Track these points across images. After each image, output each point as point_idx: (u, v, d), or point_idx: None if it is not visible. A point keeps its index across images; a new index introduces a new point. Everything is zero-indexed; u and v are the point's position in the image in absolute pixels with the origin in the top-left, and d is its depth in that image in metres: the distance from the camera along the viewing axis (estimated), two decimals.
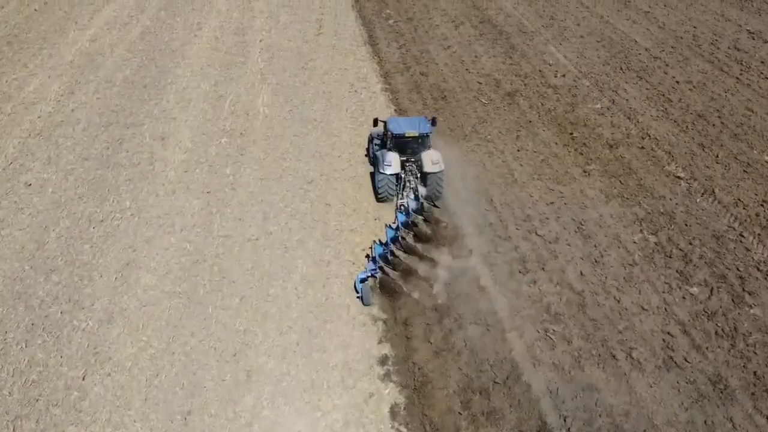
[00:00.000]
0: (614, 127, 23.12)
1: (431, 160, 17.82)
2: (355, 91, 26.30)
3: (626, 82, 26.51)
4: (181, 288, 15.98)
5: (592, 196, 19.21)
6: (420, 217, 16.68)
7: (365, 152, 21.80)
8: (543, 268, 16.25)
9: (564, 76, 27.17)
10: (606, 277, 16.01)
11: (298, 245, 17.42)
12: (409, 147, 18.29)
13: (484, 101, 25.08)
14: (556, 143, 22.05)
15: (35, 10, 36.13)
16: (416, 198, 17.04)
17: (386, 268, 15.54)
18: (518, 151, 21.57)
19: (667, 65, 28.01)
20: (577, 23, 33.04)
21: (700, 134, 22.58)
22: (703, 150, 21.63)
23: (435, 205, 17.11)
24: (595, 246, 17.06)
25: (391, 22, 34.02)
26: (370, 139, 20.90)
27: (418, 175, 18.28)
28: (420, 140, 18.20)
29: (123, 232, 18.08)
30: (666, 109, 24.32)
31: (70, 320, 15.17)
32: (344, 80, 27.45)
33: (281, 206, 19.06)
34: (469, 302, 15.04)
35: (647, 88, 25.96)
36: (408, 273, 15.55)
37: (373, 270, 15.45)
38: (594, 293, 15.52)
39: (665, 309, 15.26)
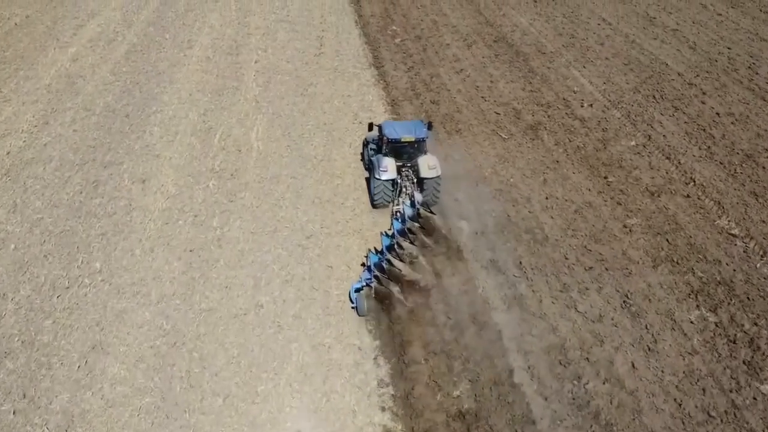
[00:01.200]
0: (653, 169, 20.47)
1: (428, 165, 17.34)
2: (360, 122, 23.64)
3: (661, 114, 23.84)
4: (154, 382, 13.33)
5: (637, 259, 16.55)
6: (416, 224, 15.81)
7: (360, 157, 21.16)
8: (587, 358, 13.60)
9: (591, 106, 24.51)
10: (663, 371, 13.36)
11: (293, 323, 14.77)
12: (405, 152, 17.79)
13: (504, 136, 22.45)
14: (590, 189, 19.39)
15: (15, 24, 33.54)
16: (412, 204, 16.47)
17: (381, 277, 14.58)
18: (547, 198, 18.93)
19: (704, 93, 25.35)
20: (600, 42, 30.39)
21: (751, 179, 19.92)
22: (757, 200, 18.97)
23: (431, 212, 16.16)
24: (647, 328, 14.40)
25: (397, 40, 31.40)
26: (365, 144, 20.22)
27: (415, 180, 17.79)
28: (416, 145, 17.69)
29: (91, 303, 15.46)
30: (709, 147, 21.66)
31: (24, 424, 12.57)
32: (347, 109, 24.82)
33: (275, 269, 16.42)
34: (501, 407, 12.40)
35: (685, 122, 23.29)
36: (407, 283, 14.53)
37: (368, 279, 14.90)
38: (650, 394, 12.87)
39: (734, 414, 12.62)
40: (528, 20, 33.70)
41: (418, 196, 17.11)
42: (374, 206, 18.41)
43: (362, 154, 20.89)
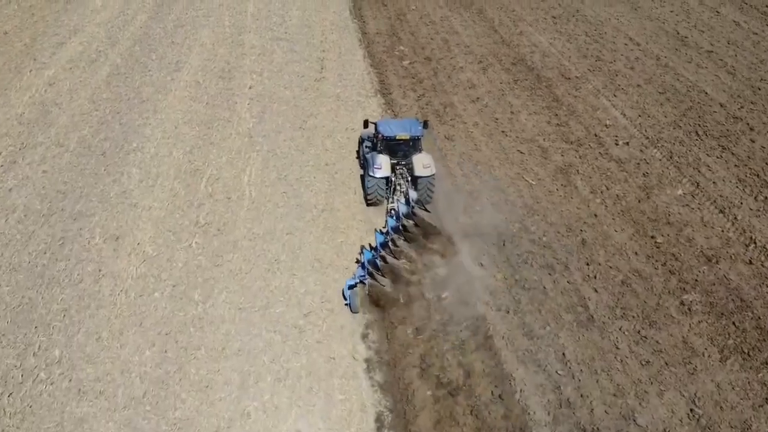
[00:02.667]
0: (707, 226, 17.70)
1: (422, 163, 17.36)
2: None
3: (707, 155, 21.07)
4: None
5: (701, 349, 13.78)
6: (411, 221, 15.81)
7: (356, 154, 21.13)
8: None
9: (628, 144, 21.75)
10: None
11: None
12: (399, 150, 17.84)
13: (531, 181, 19.70)
14: (637, 253, 16.63)
15: None
16: (407, 202, 16.51)
17: (376, 274, 14.65)
18: (588, 265, 16.17)
19: (751, 129, 22.58)
20: (630, 66, 27.63)
21: None
22: None
23: (426, 209, 16.28)
24: None
25: (406, 63, 28.65)
26: (361, 141, 20.28)
27: (409, 178, 17.79)
28: (411, 143, 17.77)
29: (47, 405, 12.74)
30: (766, 198, 18.89)
31: None
32: (351, 146, 22.06)
33: (265, 361, 13.65)
34: None
35: (735, 165, 20.52)
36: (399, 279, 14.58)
37: (362, 276, 14.91)
38: None
39: None
40: (548, 39, 30.94)
41: (413, 194, 16.85)
42: (368, 204, 18.54)
43: (358, 151, 20.84)
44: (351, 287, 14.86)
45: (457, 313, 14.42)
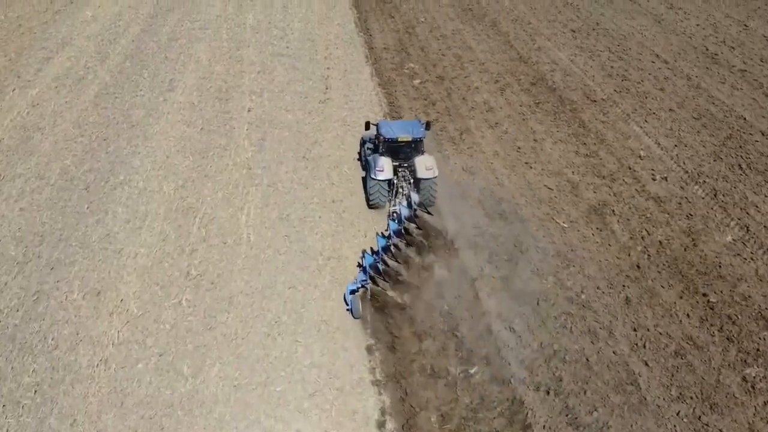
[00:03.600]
0: (763, 281, 15.65)
1: (425, 165, 17.13)
2: None
3: (754, 193, 19.05)
4: None
5: None
6: (413, 225, 15.42)
7: (357, 156, 20.93)
8: None
9: (666, 179, 19.71)
10: None
11: None
12: (401, 152, 17.55)
13: (562, 224, 17.68)
14: (689, 315, 14.60)
15: None
16: (409, 205, 16.15)
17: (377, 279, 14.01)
18: (635, 331, 14.13)
19: None
20: (659, 87, 25.61)
21: None
22: None
23: (428, 212, 15.98)
24: None
25: (416, 82, 26.65)
26: (362, 143, 20.07)
27: (411, 181, 17.59)
28: (413, 145, 17.49)
29: None
30: None
31: None
32: (360, 179, 20.05)
33: None
34: None
35: None
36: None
37: (363, 281, 14.44)
38: None
39: None
40: (568, 56, 28.94)
41: (415, 197, 16.63)
42: (370, 207, 18.33)
43: (359, 153, 20.59)
44: (352, 292, 14.54)
45: (489, 393, 12.41)
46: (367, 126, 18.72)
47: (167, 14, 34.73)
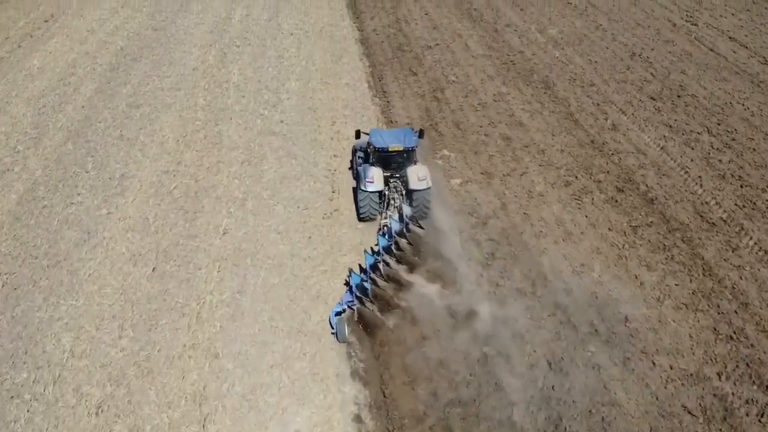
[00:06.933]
0: None
1: (417, 176, 16.28)
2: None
3: None
4: None
5: None
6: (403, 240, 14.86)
7: (349, 165, 19.80)
8: None
9: None
10: None
11: None
12: (393, 162, 16.75)
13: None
14: None
15: None
16: (400, 218, 15.52)
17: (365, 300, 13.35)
18: None
19: None
20: None
21: None
22: None
23: (420, 226, 15.53)
24: None
25: (456, 182, 19.48)
26: (354, 152, 19.08)
27: (403, 192, 16.71)
28: (405, 154, 16.65)
29: None
30: None
31: None
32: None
33: None
34: None
35: None
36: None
37: (349, 302, 13.64)
38: None
39: None
40: (655, 139, 21.71)
41: (407, 210, 16.23)
42: (360, 219, 17.29)
43: (351, 161, 19.72)
44: (338, 314, 13.59)
45: None
46: (358, 134, 17.88)
47: (131, 65, 27.65)
